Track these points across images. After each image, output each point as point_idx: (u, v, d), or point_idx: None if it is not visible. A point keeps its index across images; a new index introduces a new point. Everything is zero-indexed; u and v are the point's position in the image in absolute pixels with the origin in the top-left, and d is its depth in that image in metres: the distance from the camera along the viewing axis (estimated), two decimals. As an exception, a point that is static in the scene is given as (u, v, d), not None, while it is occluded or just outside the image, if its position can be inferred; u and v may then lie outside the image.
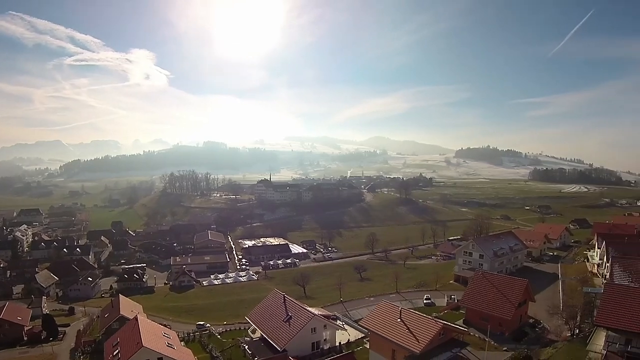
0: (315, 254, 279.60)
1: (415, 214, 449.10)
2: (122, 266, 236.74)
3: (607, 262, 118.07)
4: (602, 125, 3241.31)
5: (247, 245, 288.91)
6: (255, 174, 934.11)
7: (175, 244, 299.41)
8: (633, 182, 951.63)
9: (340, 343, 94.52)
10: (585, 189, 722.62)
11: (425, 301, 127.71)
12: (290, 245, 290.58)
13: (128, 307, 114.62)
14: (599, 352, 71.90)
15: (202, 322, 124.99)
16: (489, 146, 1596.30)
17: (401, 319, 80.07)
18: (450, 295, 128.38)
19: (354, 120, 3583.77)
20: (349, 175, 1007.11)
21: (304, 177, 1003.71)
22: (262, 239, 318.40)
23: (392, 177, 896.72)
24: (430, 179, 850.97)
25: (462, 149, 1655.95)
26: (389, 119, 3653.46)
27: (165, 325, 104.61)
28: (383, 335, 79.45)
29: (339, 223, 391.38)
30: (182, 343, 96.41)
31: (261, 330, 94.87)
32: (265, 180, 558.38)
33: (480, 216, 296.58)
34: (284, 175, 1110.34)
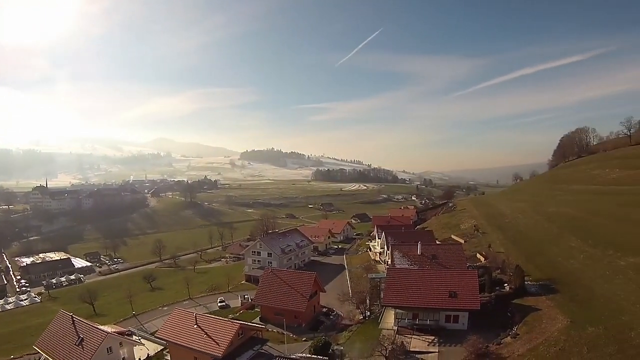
0: (100, 267, 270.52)
1: (201, 217, 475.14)
2: None
3: (388, 250, 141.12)
4: (381, 130, 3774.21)
5: (25, 263, 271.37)
6: (32, 180, 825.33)
7: None
8: (407, 179, 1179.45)
9: (140, 359, 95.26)
10: (365, 187, 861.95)
11: (219, 304, 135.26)
12: (73, 260, 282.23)
13: None
14: (390, 329, 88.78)
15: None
16: (273, 148, 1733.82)
17: (198, 325, 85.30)
18: (244, 295, 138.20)
19: (139, 120, 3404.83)
20: (131, 179, 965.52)
21: (84, 182, 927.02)
22: (41, 255, 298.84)
23: (176, 180, 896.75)
24: (216, 181, 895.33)
25: (247, 151, 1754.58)
26: (176, 120, 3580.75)
27: None
28: (182, 344, 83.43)
29: (123, 231, 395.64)
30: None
31: (53, 358, 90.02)
32: (41, 187, 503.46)
33: (266, 216, 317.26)
34: (62, 180, 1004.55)
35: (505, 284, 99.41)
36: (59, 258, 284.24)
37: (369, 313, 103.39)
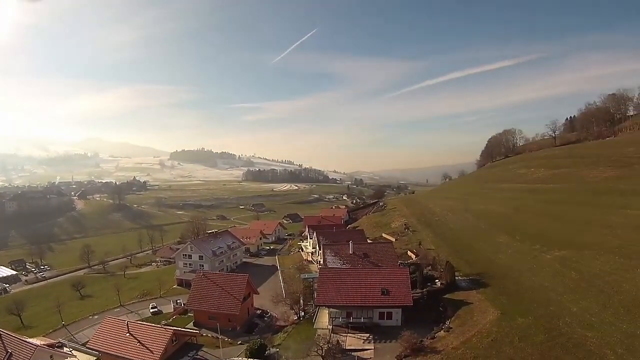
0: (27, 275, 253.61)
1: (130, 220, 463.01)
2: None
3: (320, 249, 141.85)
4: (313, 130, 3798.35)
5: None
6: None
7: None
8: (339, 179, 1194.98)
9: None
10: (296, 187, 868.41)
11: (151, 310, 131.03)
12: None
13: None
14: (325, 329, 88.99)
15: None
16: (203, 148, 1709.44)
17: (130, 333, 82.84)
18: (176, 300, 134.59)
19: (68, 118, 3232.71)
20: (57, 181, 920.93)
21: (7, 184, 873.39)
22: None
23: (104, 181, 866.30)
24: (145, 182, 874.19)
25: (177, 151, 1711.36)
26: (106, 118, 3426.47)
27: None
28: (115, 353, 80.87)
29: (49, 236, 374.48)
30: None
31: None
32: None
33: (196, 218, 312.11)
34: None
35: (437, 280, 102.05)
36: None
37: (303, 313, 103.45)
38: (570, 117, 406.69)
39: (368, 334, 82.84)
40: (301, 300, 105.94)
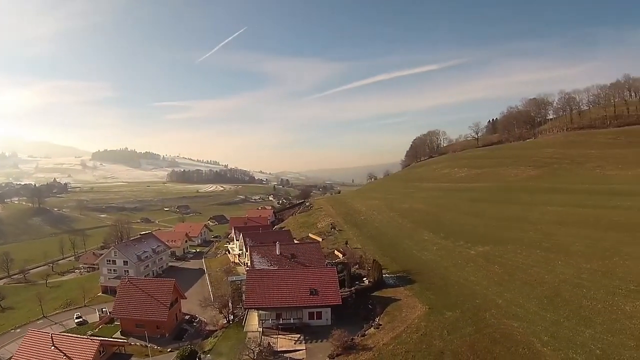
0: None
1: (51, 224, 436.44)
2: None
3: (246, 251, 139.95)
4: (239, 130, 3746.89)
5: None
6: None
7: None
8: (264, 180, 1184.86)
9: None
10: (222, 188, 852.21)
11: (76, 320, 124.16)
12: None
13: None
14: (256, 331, 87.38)
15: None
16: (127, 148, 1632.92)
17: (55, 346, 78.04)
18: (102, 309, 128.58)
19: None
20: None
21: None
22: None
23: (23, 183, 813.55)
24: (66, 184, 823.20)
25: (100, 151, 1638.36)
26: (24, 116, 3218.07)
27: None
28: (41, 368, 76.00)
29: None
30: None
31: None
32: None
33: (120, 221, 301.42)
34: None
35: (364, 278, 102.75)
36: None
37: (232, 317, 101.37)
38: (493, 119, 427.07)
39: (299, 335, 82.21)
40: (230, 304, 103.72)
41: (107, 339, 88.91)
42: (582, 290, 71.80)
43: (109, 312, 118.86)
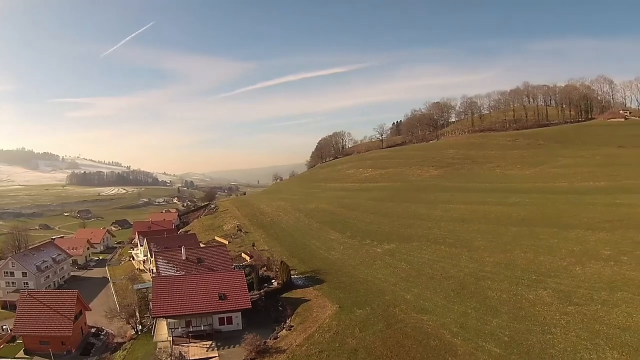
0: None
1: None
2: None
3: (151, 257, 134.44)
4: (142, 129, 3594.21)
5: None
6: None
7: None
8: (169, 181, 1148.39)
9: None
10: (124, 191, 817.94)
11: None
12: None
13: None
14: (166, 340, 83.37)
15: None
16: (24, 148, 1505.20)
17: None
18: (2, 327, 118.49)
19: None
20: None
21: None
22: None
23: None
24: None
25: None
26: None
27: None
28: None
29: None
30: None
31: None
32: None
33: (17, 228, 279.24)
34: None
35: (273, 280, 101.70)
36: None
37: (141, 327, 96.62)
38: (397, 121, 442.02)
39: (210, 342, 79.57)
40: (137, 313, 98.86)
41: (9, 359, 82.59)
42: (486, 282, 75.07)
43: (10, 330, 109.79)
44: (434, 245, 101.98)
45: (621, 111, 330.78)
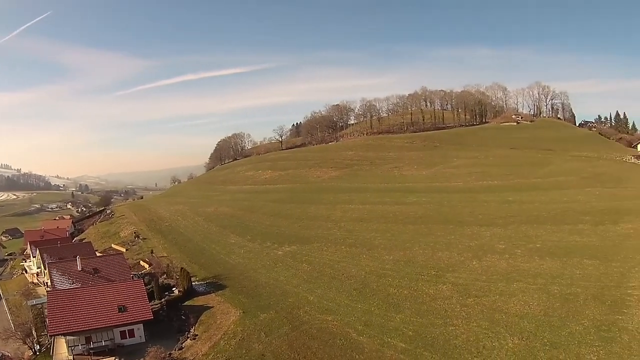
0: None
1: None
2: None
3: (45, 269, 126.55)
4: (35, 129, 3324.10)
5: None
6: None
7: None
8: (62, 185, 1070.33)
9: None
10: (15, 196, 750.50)
11: None
12: None
13: None
14: (66, 359, 78.50)
15: None
16: None
17: None
18: None
19: None
20: None
21: None
22: None
23: None
24: None
25: None
26: None
27: None
28: None
29: None
30: None
31: None
32: None
33: None
34: None
35: (174, 288, 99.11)
36: None
37: (38, 346, 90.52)
38: (297, 123, 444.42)
39: (113, 357, 75.79)
40: (33, 332, 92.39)
41: None
42: (387, 279, 77.78)
43: None
44: (335, 245, 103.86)
45: (513, 116, 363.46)
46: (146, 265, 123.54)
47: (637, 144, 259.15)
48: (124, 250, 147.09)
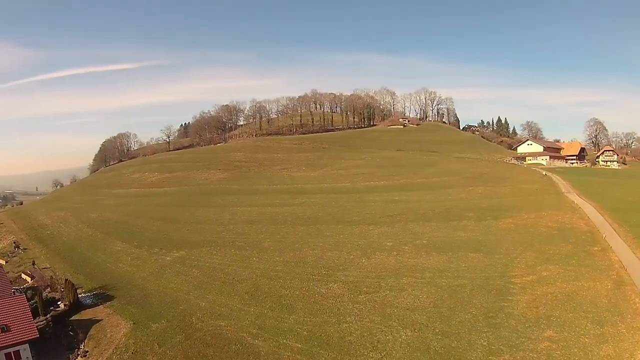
0: None
1: None
2: None
3: None
4: None
5: None
6: None
7: None
8: None
9: None
10: None
11: None
12: None
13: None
14: None
15: None
16: None
17: None
18: None
19: None
20: None
21: None
22: None
23: None
24: None
25: None
26: None
27: None
28: None
29: None
30: None
31: None
32: None
33: None
34: None
35: (60, 302, 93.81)
36: None
37: None
38: (185, 123, 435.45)
39: (0, 385, 70.89)
40: None
41: None
42: (279, 281, 79.29)
43: None
44: (224, 249, 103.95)
45: (400, 119, 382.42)
46: (28, 279, 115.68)
47: (517, 146, 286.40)
48: (3, 262, 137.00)
